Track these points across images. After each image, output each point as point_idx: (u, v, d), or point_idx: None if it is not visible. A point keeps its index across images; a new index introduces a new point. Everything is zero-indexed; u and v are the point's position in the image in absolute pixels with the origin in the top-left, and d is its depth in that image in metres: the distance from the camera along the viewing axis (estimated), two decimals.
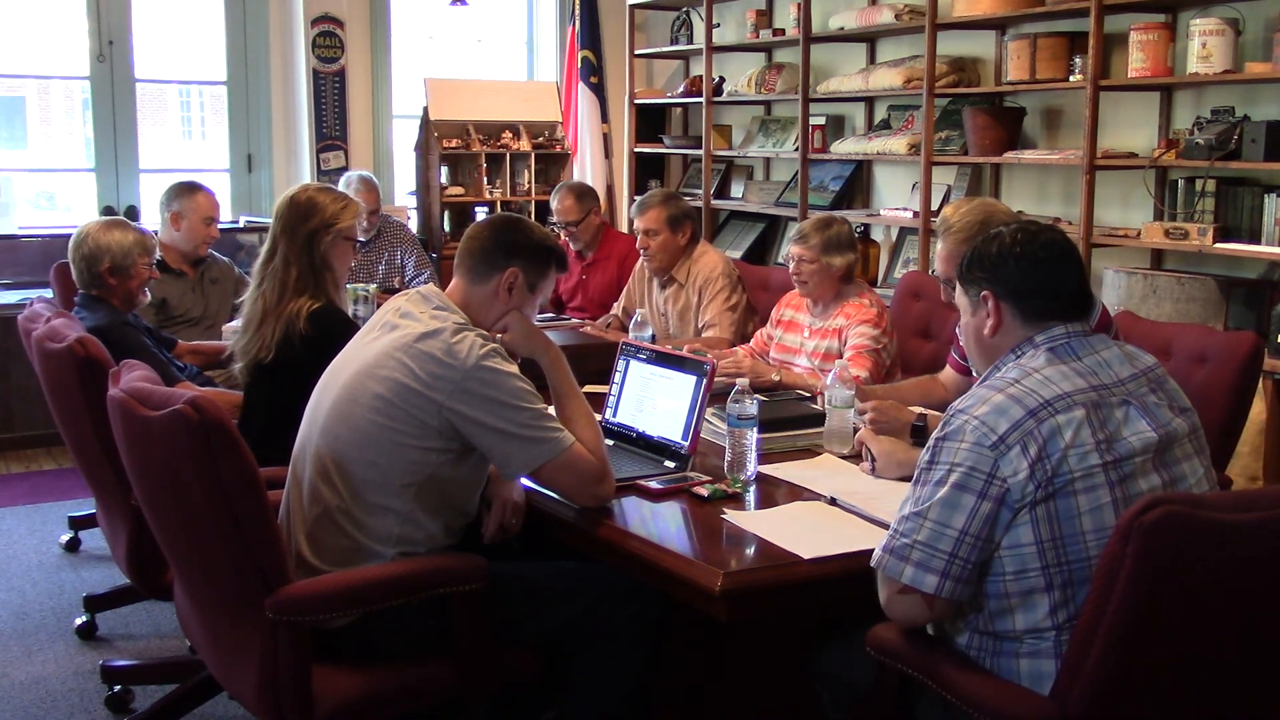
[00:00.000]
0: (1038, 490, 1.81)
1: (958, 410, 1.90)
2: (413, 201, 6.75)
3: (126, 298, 3.63)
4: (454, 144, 6.50)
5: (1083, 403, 1.85)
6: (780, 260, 6.34)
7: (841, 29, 5.71)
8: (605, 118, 7.01)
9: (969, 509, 1.83)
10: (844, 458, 2.79)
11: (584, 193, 5.11)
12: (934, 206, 5.16)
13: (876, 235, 5.89)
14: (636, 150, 7.08)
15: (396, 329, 2.37)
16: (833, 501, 2.44)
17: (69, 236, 3.70)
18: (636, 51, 7.08)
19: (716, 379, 2.78)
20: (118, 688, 3.21)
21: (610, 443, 2.82)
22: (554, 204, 5.07)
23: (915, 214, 5.28)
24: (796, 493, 2.53)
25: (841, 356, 3.55)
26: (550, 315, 4.89)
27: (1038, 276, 1.99)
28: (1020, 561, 1.83)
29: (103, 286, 3.61)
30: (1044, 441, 1.81)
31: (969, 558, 1.83)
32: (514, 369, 2.32)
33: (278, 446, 2.65)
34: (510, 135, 6.64)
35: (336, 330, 2.97)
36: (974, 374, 2.07)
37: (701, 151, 6.56)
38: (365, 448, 2.30)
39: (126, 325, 3.57)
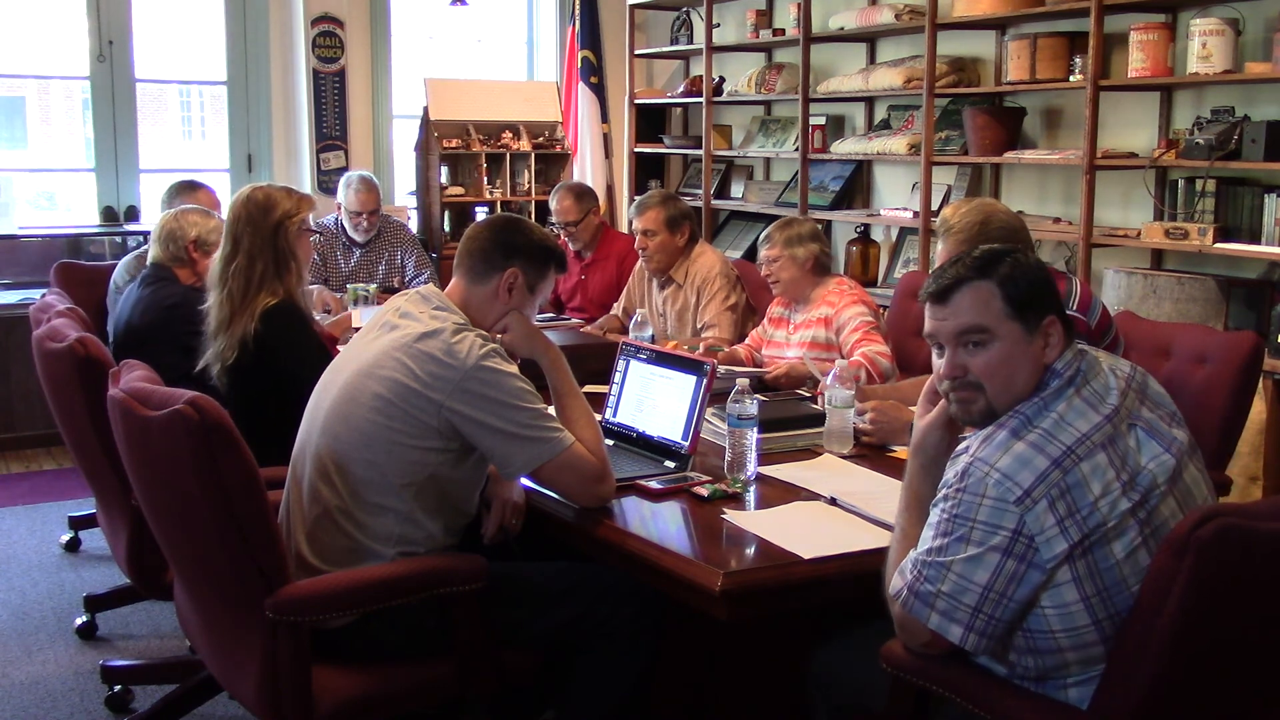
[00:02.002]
0: (1072, 549, 1.73)
1: (977, 459, 1.79)
2: (413, 201, 6.75)
3: (201, 276, 3.66)
4: (454, 144, 6.49)
5: (1101, 442, 1.77)
6: None
7: (841, 29, 5.71)
8: (605, 118, 7.01)
9: (994, 565, 1.75)
10: (844, 458, 2.79)
11: (583, 193, 5.11)
12: (934, 206, 5.16)
13: (876, 235, 5.89)
14: (636, 150, 7.08)
15: (396, 329, 2.37)
16: (833, 501, 2.44)
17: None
18: (636, 51, 7.08)
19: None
20: (118, 688, 3.21)
21: (610, 443, 2.82)
22: (553, 204, 5.07)
23: (915, 214, 5.28)
24: (796, 493, 2.52)
25: (829, 344, 3.58)
26: (550, 315, 4.89)
27: (1056, 290, 1.94)
28: (1069, 620, 1.75)
29: (182, 260, 3.67)
30: (1072, 496, 1.73)
31: (994, 614, 1.76)
32: (514, 369, 2.32)
33: (258, 450, 2.66)
34: (510, 135, 6.64)
35: (290, 326, 2.99)
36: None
37: (701, 151, 6.56)
38: (365, 447, 2.30)
39: (197, 291, 3.60)
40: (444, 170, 6.59)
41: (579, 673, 2.38)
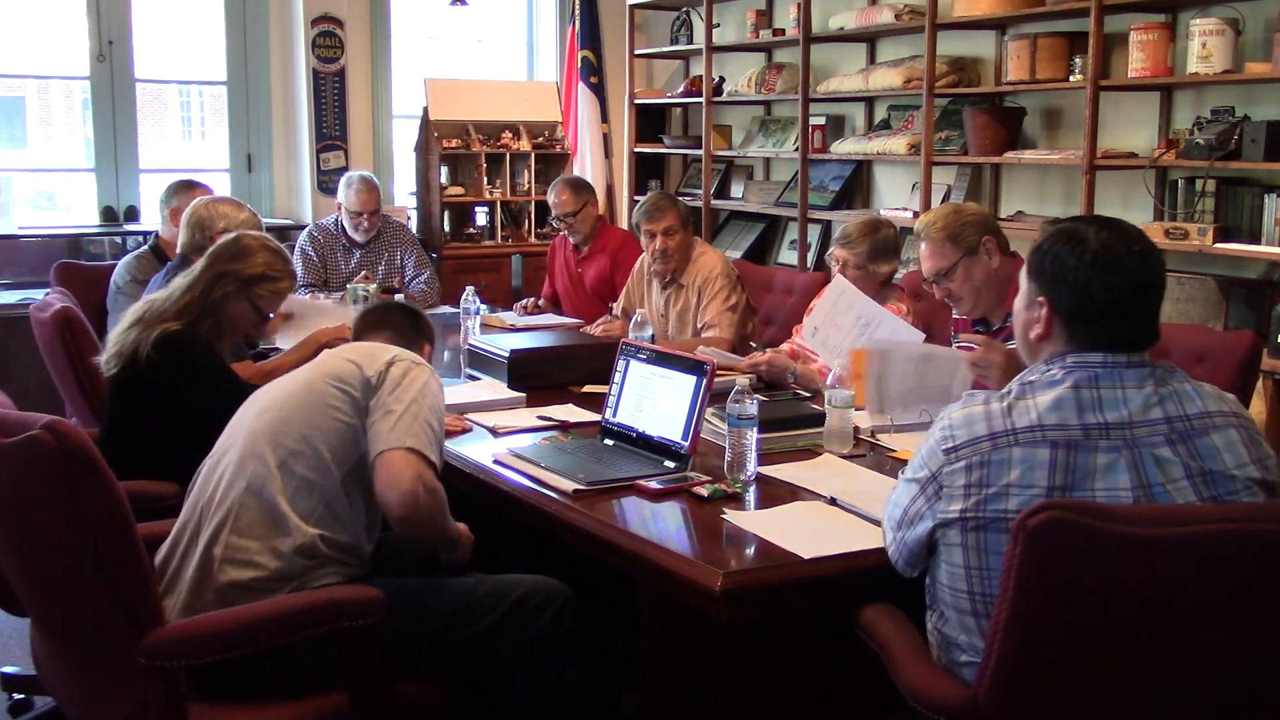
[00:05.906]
0: (965, 517, 1.83)
1: (948, 409, 1.94)
2: (413, 201, 6.75)
3: None
4: (454, 144, 6.49)
5: (1054, 440, 1.80)
6: (780, 261, 6.35)
7: (841, 29, 5.71)
8: (605, 118, 7.01)
9: (912, 494, 1.93)
10: (844, 457, 2.79)
11: (580, 185, 5.09)
12: (934, 206, 5.15)
13: None
14: (636, 150, 7.08)
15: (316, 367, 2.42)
16: (833, 501, 2.44)
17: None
18: (636, 51, 7.08)
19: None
20: (18, 696, 3.13)
21: (610, 443, 2.83)
22: (551, 198, 5.05)
23: (915, 214, 5.26)
24: (796, 493, 2.52)
25: None
26: (549, 315, 4.89)
27: (1096, 309, 1.86)
28: (954, 579, 1.87)
29: (204, 250, 3.61)
30: (989, 470, 1.81)
31: (905, 537, 1.95)
32: (438, 385, 2.37)
33: (138, 463, 2.67)
34: (510, 135, 6.64)
35: (184, 359, 2.85)
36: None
37: (701, 151, 6.56)
38: (320, 439, 2.28)
39: None
40: (444, 170, 6.59)
41: (507, 697, 2.33)
